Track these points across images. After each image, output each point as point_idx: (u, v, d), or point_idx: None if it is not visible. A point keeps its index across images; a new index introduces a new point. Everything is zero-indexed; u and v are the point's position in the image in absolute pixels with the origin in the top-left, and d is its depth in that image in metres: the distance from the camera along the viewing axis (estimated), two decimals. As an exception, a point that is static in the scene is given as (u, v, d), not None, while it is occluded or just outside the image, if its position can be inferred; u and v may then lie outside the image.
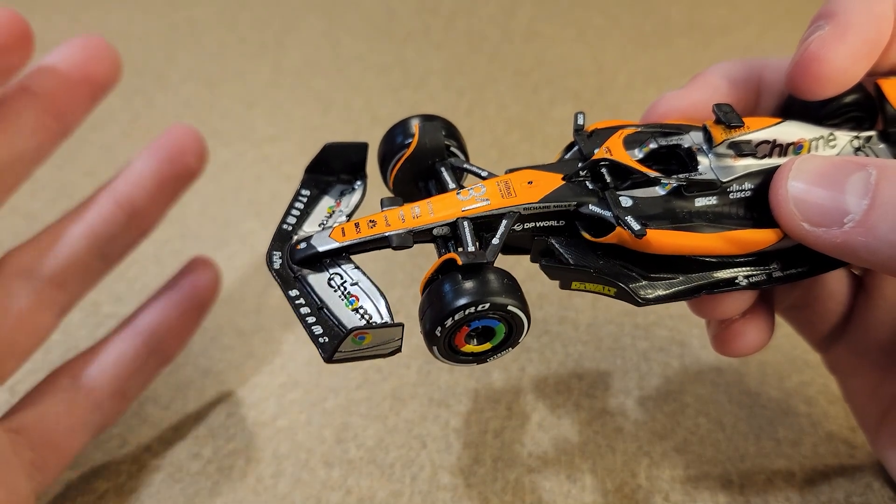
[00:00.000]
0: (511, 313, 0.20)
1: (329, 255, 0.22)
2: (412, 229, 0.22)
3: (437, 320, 0.20)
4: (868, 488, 0.29)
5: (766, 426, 0.32)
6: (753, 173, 0.23)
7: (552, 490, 0.29)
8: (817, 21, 0.23)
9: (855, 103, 0.25)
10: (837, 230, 0.20)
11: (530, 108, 0.51)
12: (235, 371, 0.34)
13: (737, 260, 0.23)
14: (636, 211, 0.22)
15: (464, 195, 0.23)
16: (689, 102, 0.25)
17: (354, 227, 0.22)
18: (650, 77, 0.55)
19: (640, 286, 0.23)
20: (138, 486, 0.29)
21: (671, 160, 0.24)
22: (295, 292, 0.21)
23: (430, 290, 0.21)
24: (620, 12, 0.63)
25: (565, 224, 0.23)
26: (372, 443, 0.31)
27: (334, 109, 0.51)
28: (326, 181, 0.25)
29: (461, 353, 0.21)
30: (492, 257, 0.21)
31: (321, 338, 0.20)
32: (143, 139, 0.48)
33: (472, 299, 0.20)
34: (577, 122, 0.25)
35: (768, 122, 0.24)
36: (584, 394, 0.33)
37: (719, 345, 0.26)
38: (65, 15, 0.61)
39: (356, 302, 0.21)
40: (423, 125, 0.25)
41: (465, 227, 0.22)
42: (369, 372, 0.34)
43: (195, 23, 0.61)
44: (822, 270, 0.24)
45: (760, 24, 0.62)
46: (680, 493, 0.29)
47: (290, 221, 0.24)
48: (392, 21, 0.62)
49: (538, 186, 0.23)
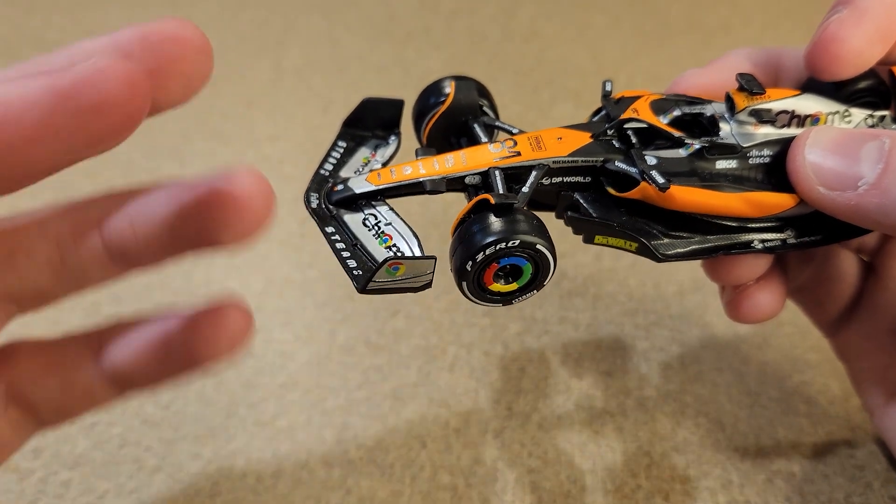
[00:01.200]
0: (539, 252, 0.21)
1: (365, 198, 0.23)
2: (445, 176, 0.23)
3: (468, 255, 0.21)
4: (868, 488, 0.29)
5: (766, 426, 0.32)
6: (772, 141, 0.24)
7: (552, 490, 0.29)
8: (836, 6, 0.24)
9: (869, 89, 0.25)
10: (852, 193, 0.21)
11: (530, 108, 0.51)
12: (235, 371, 0.34)
13: (753, 225, 0.24)
14: (660, 168, 0.23)
15: (495, 147, 0.24)
16: (710, 80, 0.26)
17: (390, 172, 0.23)
18: (650, 77, 0.55)
19: (661, 243, 0.24)
20: (139, 485, 0.29)
21: (694, 128, 0.25)
22: (331, 229, 0.22)
23: (462, 229, 0.22)
24: (620, 12, 0.63)
25: (591, 181, 0.24)
26: (372, 443, 0.31)
27: (334, 109, 0.51)
28: (362, 135, 0.26)
29: (489, 291, 0.22)
30: (522, 203, 0.22)
31: (355, 270, 0.21)
32: (144, 139, 0.48)
33: (502, 235, 0.20)
34: (606, 89, 0.26)
35: (788, 94, 0.24)
36: (584, 394, 0.33)
37: (732, 310, 0.27)
38: (65, 15, 0.61)
39: (389, 241, 0.22)
40: (458, 83, 0.26)
41: (497, 176, 0.23)
42: (369, 372, 0.34)
43: (196, 22, 0.61)
44: (835, 239, 0.25)
45: (760, 23, 0.62)
46: (680, 493, 0.29)
47: (327, 168, 0.25)
48: (392, 21, 0.62)
49: (567, 142, 0.24)
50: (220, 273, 0.39)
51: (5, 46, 0.56)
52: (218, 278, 0.38)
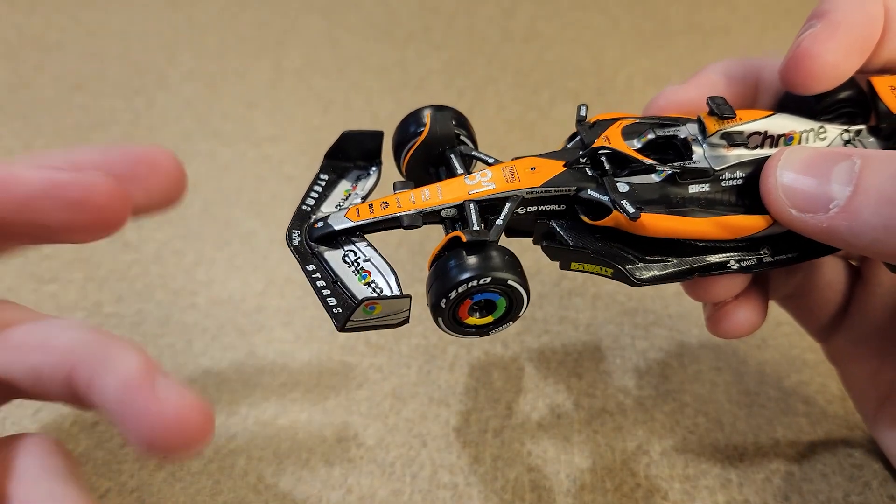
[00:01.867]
0: (511, 287, 0.22)
1: (344, 234, 0.24)
2: (422, 210, 0.23)
3: (442, 293, 0.21)
4: (866, 487, 0.29)
5: (765, 425, 0.32)
6: (745, 162, 0.24)
7: (552, 489, 0.29)
8: (811, 20, 0.24)
9: (848, 99, 0.25)
10: (823, 215, 0.21)
11: (530, 108, 0.52)
12: (236, 370, 0.34)
13: (729, 245, 0.24)
14: (632, 196, 0.23)
15: (471, 180, 0.24)
16: (688, 97, 0.26)
17: (368, 208, 0.24)
18: (650, 77, 0.55)
19: (636, 267, 0.24)
20: (140, 484, 0.29)
21: (668, 150, 0.25)
22: (312, 267, 0.23)
23: (437, 266, 0.22)
24: (620, 12, 0.64)
25: (566, 208, 0.24)
26: (372, 442, 0.31)
27: (334, 109, 0.51)
28: (344, 167, 0.26)
29: (465, 324, 0.23)
30: (495, 237, 0.22)
31: (335, 308, 0.22)
32: (145, 139, 0.48)
33: (474, 273, 0.21)
34: (580, 114, 0.26)
35: (760, 115, 0.25)
36: (583, 393, 0.33)
37: (713, 325, 0.27)
38: (65, 15, 0.61)
39: (368, 277, 0.23)
40: (434, 114, 0.26)
41: (472, 209, 0.23)
42: (369, 371, 0.34)
43: (196, 23, 0.61)
44: (810, 256, 0.25)
45: (760, 24, 0.62)
46: (679, 492, 0.29)
47: (309, 203, 0.25)
48: (392, 21, 0.62)
49: (540, 172, 0.24)
50: (220, 273, 0.39)
51: (6, 47, 0.56)
52: (219, 278, 0.38)
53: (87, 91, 0.53)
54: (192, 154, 0.47)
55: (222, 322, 0.36)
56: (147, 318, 0.36)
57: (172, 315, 0.36)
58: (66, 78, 0.54)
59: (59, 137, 0.48)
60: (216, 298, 0.37)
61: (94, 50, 0.57)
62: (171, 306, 0.37)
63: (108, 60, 0.56)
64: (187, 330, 0.36)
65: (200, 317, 0.36)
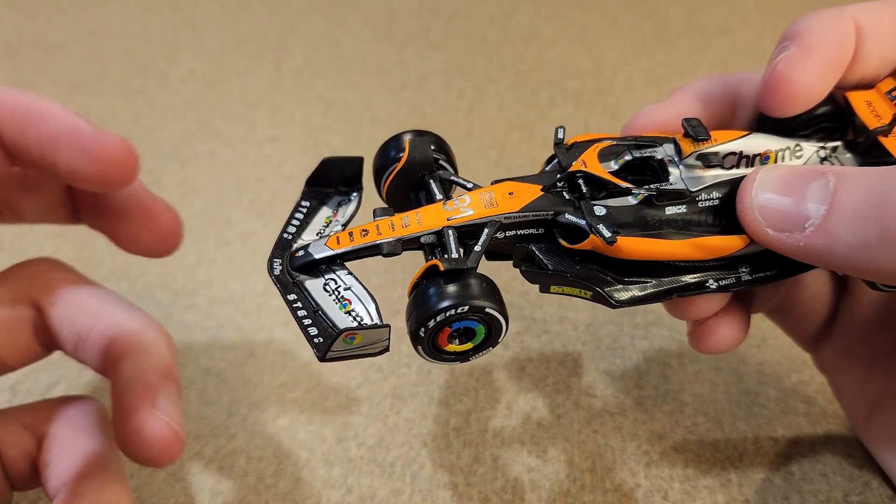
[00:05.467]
0: (489, 315, 0.22)
1: (325, 262, 0.24)
2: (401, 238, 0.23)
3: (420, 322, 0.21)
4: (866, 487, 0.29)
5: (765, 425, 0.32)
6: (721, 183, 0.24)
7: (551, 489, 0.29)
8: (783, 42, 0.25)
9: (825, 115, 0.26)
10: (799, 234, 0.21)
11: (530, 109, 0.52)
12: (236, 370, 0.34)
13: (707, 264, 0.24)
14: (609, 219, 0.23)
15: (449, 206, 0.24)
16: (666, 117, 0.27)
17: (348, 236, 0.24)
18: (649, 78, 0.55)
19: (615, 289, 0.24)
20: (140, 485, 0.29)
21: (645, 171, 0.25)
22: (293, 296, 0.23)
23: (415, 294, 0.22)
24: (620, 13, 0.64)
25: (544, 232, 0.24)
26: (372, 442, 0.31)
27: (335, 110, 0.51)
28: (325, 193, 0.27)
29: (445, 351, 0.23)
30: (473, 263, 0.22)
31: (316, 338, 0.22)
32: (145, 139, 0.48)
33: (452, 302, 0.21)
34: (557, 136, 0.26)
35: (735, 135, 0.25)
36: (583, 393, 0.33)
37: (694, 342, 0.27)
38: (65, 15, 0.61)
39: (349, 305, 0.23)
40: (413, 140, 0.26)
41: (450, 236, 0.23)
42: (370, 371, 0.34)
43: (196, 23, 0.61)
44: (789, 274, 0.25)
45: (759, 24, 0.63)
46: (679, 492, 0.29)
47: (290, 231, 0.25)
48: (392, 22, 0.62)
49: (518, 197, 0.24)
50: (220, 272, 0.39)
51: (7, 48, 0.56)
52: (219, 278, 0.38)
53: (87, 91, 0.53)
54: (192, 154, 0.47)
55: (222, 322, 0.36)
56: (147, 318, 0.36)
57: (172, 315, 0.36)
58: (66, 78, 0.54)
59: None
60: (216, 298, 0.37)
61: (95, 50, 0.57)
62: (171, 306, 0.37)
63: (108, 60, 0.56)
64: (187, 330, 0.36)
65: (200, 317, 0.36)
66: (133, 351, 0.24)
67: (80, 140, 0.22)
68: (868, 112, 0.25)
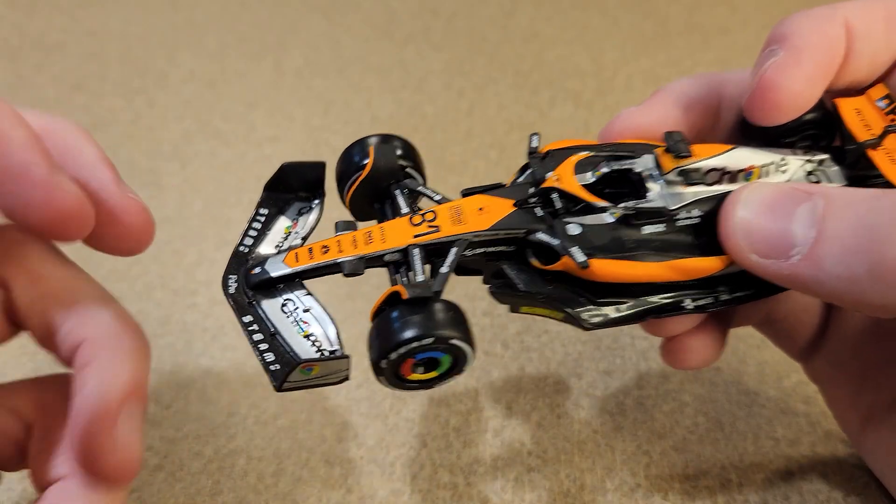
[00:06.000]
0: (455, 346, 0.21)
1: (282, 281, 0.23)
2: (364, 256, 0.22)
3: (382, 353, 0.20)
4: (866, 487, 0.29)
5: (765, 425, 0.32)
6: (703, 200, 0.23)
7: (552, 489, 0.29)
8: (770, 45, 0.24)
9: (811, 122, 0.25)
10: (785, 262, 0.21)
11: (530, 109, 0.52)
12: (236, 370, 0.34)
13: (684, 284, 0.23)
14: (583, 240, 0.22)
15: (416, 221, 0.23)
16: (646, 121, 0.25)
17: (308, 253, 0.23)
18: (649, 78, 0.55)
19: (587, 311, 0.23)
20: (140, 484, 0.29)
21: (623, 184, 0.24)
22: (249, 318, 0.22)
23: (377, 322, 0.21)
24: (620, 13, 0.64)
25: (516, 249, 0.23)
26: (372, 442, 0.31)
27: (334, 110, 0.51)
28: (285, 199, 0.25)
29: (408, 380, 0.22)
30: (439, 287, 0.21)
31: (272, 365, 0.21)
32: (145, 139, 0.48)
33: (416, 333, 0.20)
34: (532, 144, 0.25)
35: (718, 150, 0.24)
36: (583, 393, 0.33)
37: (666, 356, 0.27)
38: (65, 15, 0.61)
39: (308, 328, 0.22)
40: (378, 147, 0.25)
41: (416, 255, 0.22)
42: (370, 371, 0.34)
43: (196, 23, 0.61)
44: (767, 293, 0.24)
45: (759, 24, 0.63)
46: (679, 492, 0.29)
47: (247, 243, 0.24)
48: (392, 22, 0.62)
49: (488, 213, 0.23)
50: (220, 272, 0.39)
51: (7, 47, 0.56)
52: (219, 278, 0.38)
53: (87, 91, 0.53)
54: (192, 154, 0.47)
55: (222, 322, 0.36)
56: (147, 317, 0.36)
57: (172, 315, 0.36)
58: (66, 78, 0.54)
59: (59, 137, 0.48)
60: (216, 298, 0.37)
61: (95, 50, 0.57)
62: (171, 306, 0.37)
63: (108, 60, 0.56)
64: (187, 330, 0.36)
65: (200, 317, 0.36)
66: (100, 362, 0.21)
67: (29, 184, 0.19)
68: (857, 121, 0.24)
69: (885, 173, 0.24)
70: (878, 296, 0.19)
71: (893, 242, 0.19)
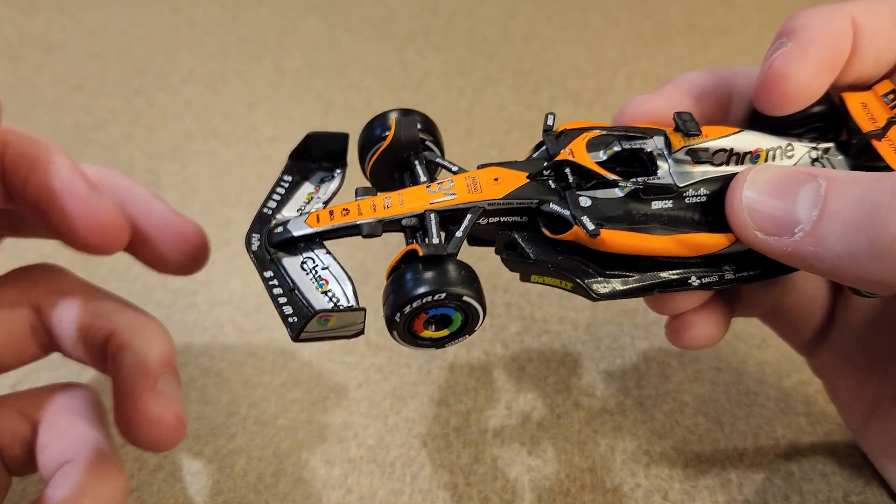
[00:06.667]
0: (467, 303, 0.21)
1: (303, 240, 0.23)
2: (382, 219, 0.23)
3: (396, 306, 0.21)
4: (867, 487, 0.29)
5: (765, 425, 0.32)
6: (710, 179, 0.24)
7: (552, 489, 0.29)
8: (780, 38, 0.24)
9: (819, 115, 0.25)
10: (788, 239, 0.21)
11: (530, 109, 0.52)
12: (236, 370, 0.34)
13: (691, 261, 0.24)
14: (594, 211, 0.23)
15: (433, 188, 0.24)
16: (658, 107, 0.26)
17: (329, 215, 0.23)
18: (649, 78, 0.55)
19: (596, 282, 0.24)
20: (140, 484, 0.29)
21: (634, 162, 0.25)
22: (269, 273, 0.23)
23: (393, 278, 0.22)
24: (620, 13, 0.64)
25: (528, 220, 0.24)
26: (372, 442, 0.31)
27: (334, 109, 0.51)
28: (308, 168, 0.26)
29: (420, 337, 0.22)
30: (454, 249, 0.22)
31: (290, 317, 0.22)
32: (145, 139, 0.48)
33: (429, 288, 0.21)
34: (547, 123, 0.25)
35: (726, 132, 0.25)
36: (583, 393, 0.33)
37: (671, 334, 0.27)
38: (65, 15, 0.61)
39: (325, 285, 0.22)
40: (399, 119, 0.26)
41: (432, 220, 0.23)
42: (370, 371, 0.34)
43: (196, 23, 0.61)
44: (773, 274, 0.25)
45: (759, 24, 0.63)
46: (679, 491, 0.29)
47: (271, 206, 0.25)
48: (392, 22, 0.62)
49: (503, 183, 0.24)
50: (220, 273, 0.39)
51: (7, 47, 0.56)
52: (219, 278, 0.38)
53: (87, 91, 0.53)
54: (192, 154, 0.47)
55: (222, 322, 0.36)
56: (147, 318, 0.36)
57: (172, 315, 0.36)
58: (66, 78, 0.54)
59: (59, 137, 0.48)
60: (216, 298, 0.37)
61: (95, 50, 0.57)
62: (171, 306, 0.37)
63: (108, 60, 0.56)
64: (187, 330, 0.36)
65: (200, 317, 0.36)
66: (132, 343, 0.24)
67: (73, 201, 0.22)
68: (863, 114, 0.25)
69: (889, 163, 0.24)
70: (875, 271, 0.20)
71: (894, 219, 0.19)
